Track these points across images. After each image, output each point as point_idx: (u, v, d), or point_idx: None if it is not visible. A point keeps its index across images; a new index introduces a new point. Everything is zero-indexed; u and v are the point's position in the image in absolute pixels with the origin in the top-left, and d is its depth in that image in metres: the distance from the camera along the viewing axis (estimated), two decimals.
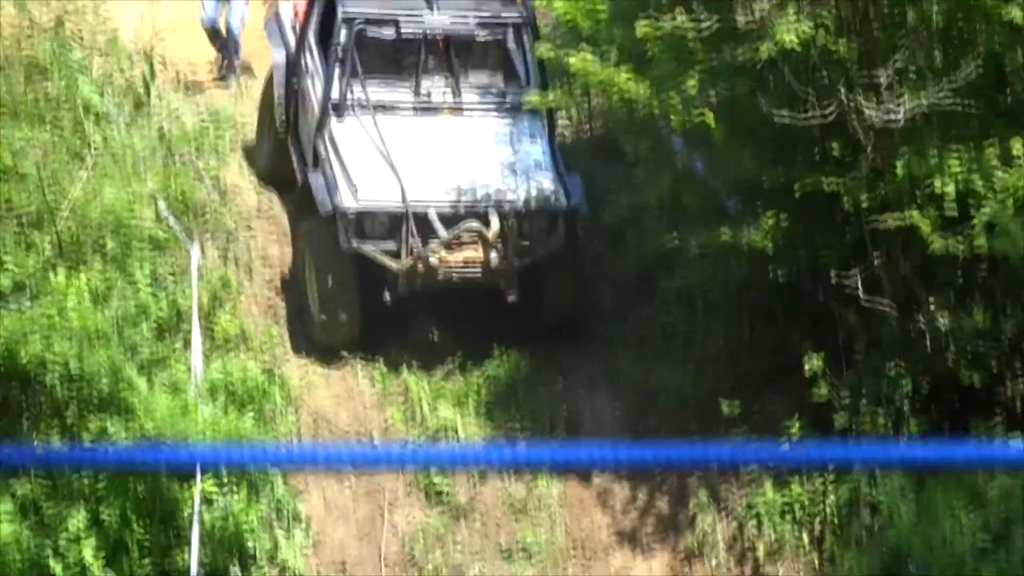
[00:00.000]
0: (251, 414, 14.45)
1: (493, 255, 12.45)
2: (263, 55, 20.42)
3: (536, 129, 13.19)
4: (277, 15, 15.79)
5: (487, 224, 12.52)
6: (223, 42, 20.95)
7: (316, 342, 14.71)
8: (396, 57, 13.44)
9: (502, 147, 13.13)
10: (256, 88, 20.62)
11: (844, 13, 14.81)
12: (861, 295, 14.78)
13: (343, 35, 12.84)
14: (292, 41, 15.44)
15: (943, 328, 14.74)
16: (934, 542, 13.90)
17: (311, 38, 14.56)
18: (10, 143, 15.14)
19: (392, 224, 12.25)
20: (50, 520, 13.64)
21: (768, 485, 15.17)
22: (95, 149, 16.09)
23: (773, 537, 14.86)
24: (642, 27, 14.97)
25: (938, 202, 14.07)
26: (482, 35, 13.52)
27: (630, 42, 15.63)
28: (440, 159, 12.94)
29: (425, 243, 12.38)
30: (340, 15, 13.12)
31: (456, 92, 13.13)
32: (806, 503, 15.08)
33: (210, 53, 20.92)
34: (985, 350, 14.72)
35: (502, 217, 12.66)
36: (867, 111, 14.11)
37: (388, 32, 12.92)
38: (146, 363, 14.16)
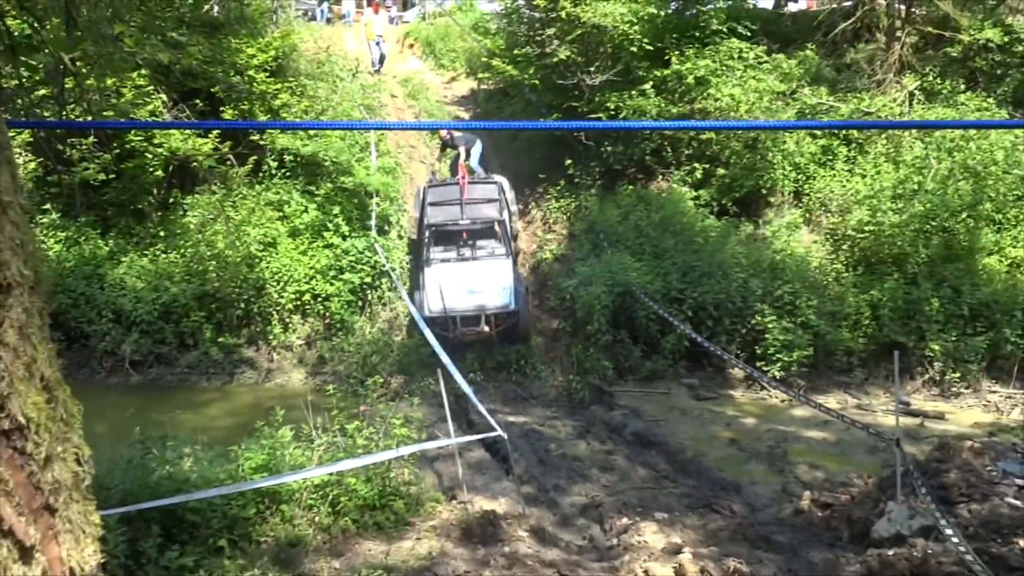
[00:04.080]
0: (390, 175, 16.98)
1: (484, 332, 13.86)
2: (394, 58, 24.10)
3: (506, 266, 14.19)
4: (418, 191, 16.13)
5: (478, 324, 13.91)
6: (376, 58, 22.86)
7: None
8: (449, 237, 14.46)
9: (490, 278, 14.11)
10: (390, 75, 23.33)
11: (583, 49, 17.48)
12: (584, 140, 17.88)
13: (427, 232, 14.09)
14: (419, 207, 15.60)
15: (608, 150, 17.53)
16: (604, 218, 16.65)
17: (423, 212, 15.11)
18: (312, 89, 17.52)
19: (444, 320, 13.50)
20: (325, 209, 15.96)
21: (553, 200, 18.11)
22: (338, 86, 18.50)
23: (556, 217, 18.03)
24: (513, 53, 18.81)
25: (608, 110, 16.95)
26: (484, 226, 14.59)
27: (511, 56, 18.84)
28: (463, 287, 13.96)
29: (455, 328, 13.70)
30: (425, 222, 14.41)
31: (473, 251, 14.18)
32: (565, 206, 18.02)
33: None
34: (621, 156, 17.69)
35: (486, 318, 13.91)
36: (588, 80, 17.23)
37: (446, 228, 14.18)
38: (356, 159, 16.77)
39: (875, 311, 14.80)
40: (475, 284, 14.17)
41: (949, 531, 6.17)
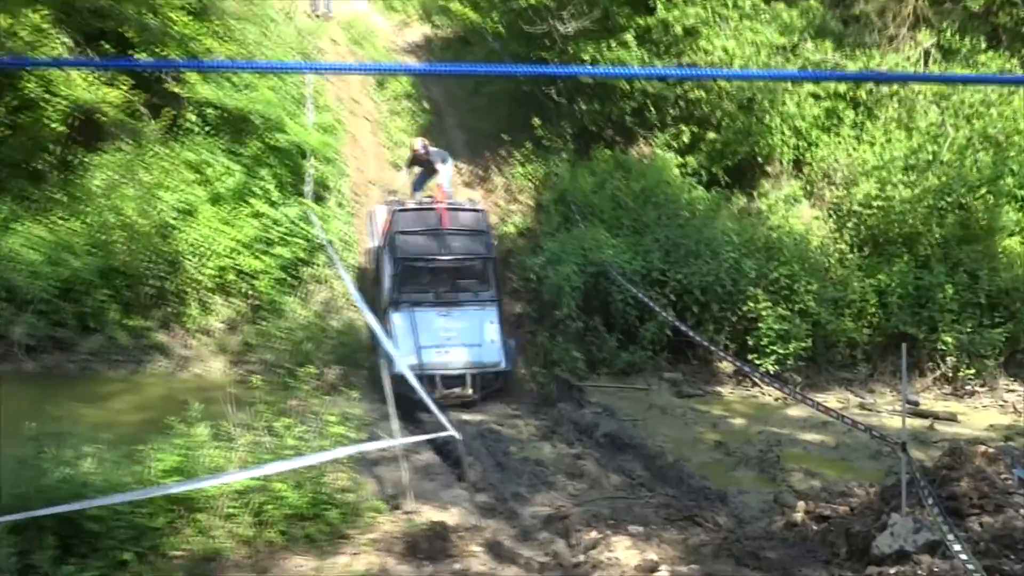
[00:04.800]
0: (330, 134, 17.08)
1: (468, 395, 13.01)
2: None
3: (493, 314, 13.42)
4: (372, 214, 15.50)
5: (463, 385, 13.05)
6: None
7: None
8: (425, 275, 13.66)
9: (476, 329, 13.35)
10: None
11: None
12: (555, 96, 17.97)
13: (398, 266, 13.26)
14: (379, 235, 14.80)
15: (582, 108, 17.66)
16: (576, 187, 16.82)
17: (386, 247, 14.15)
18: (240, 32, 17.17)
19: (417, 378, 11.17)
20: (253, 172, 15.83)
21: (518, 165, 18.34)
22: (270, 29, 18.11)
23: (521, 185, 18.26)
24: None
25: (583, 62, 17.01)
26: (467, 263, 13.81)
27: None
28: (443, 339, 13.17)
29: (433, 389, 12.13)
30: (396, 255, 13.48)
31: (454, 293, 13.38)
32: (531, 172, 18.25)
33: None
34: (597, 116, 17.81)
35: (472, 377, 13.09)
36: (560, 27, 17.12)
37: (420, 264, 13.40)
38: (290, 114, 16.51)
39: (882, 298, 15.02)
40: (457, 335, 13.54)
41: (957, 547, 6.28)
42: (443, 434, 8.71)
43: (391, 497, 8.95)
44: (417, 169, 16.14)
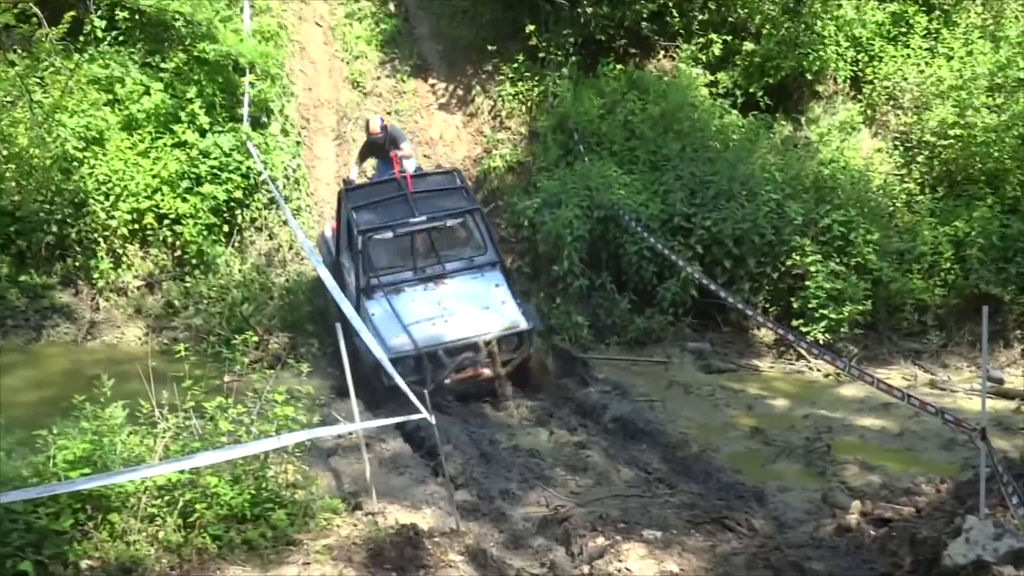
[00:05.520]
0: (271, 42, 17.29)
1: (486, 371, 12.58)
2: None
3: (497, 278, 13.12)
4: (323, 235, 15.25)
5: (477, 359, 12.55)
6: None
7: None
8: (397, 248, 13.42)
9: (478, 296, 13.03)
10: None
11: None
12: None
13: (360, 242, 12.83)
14: (333, 249, 14.40)
15: (588, 12, 17.56)
16: (580, 111, 16.93)
17: (343, 243, 13.87)
18: None
19: (416, 364, 12.07)
20: (176, 91, 16.08)
21: (507, 84, 18.39)
22: None
23: (511, 108, 18.38)
24: None
25: None
26: (450, 223, 13.46)
27: None
28: (439, 310, 12.80)
29: (438, 372, 12.28)
30: (355, 229, 12.99)
31: (441, 266, 13.13)
32: (525, 92, 18.35)
33: None
34: (606, 22, 17.79)
35: (487, 344, 12.56)
36: None
37: (388, 234, 13.12)
38: (222, 18, 16.58)
39: (959, 250, 15.04)
40: (456, 305, 13.15)
41: None
42: (414, 417, 8.70)
43: (350, 495, 8.97)
44: (373, 163, 15.94)
